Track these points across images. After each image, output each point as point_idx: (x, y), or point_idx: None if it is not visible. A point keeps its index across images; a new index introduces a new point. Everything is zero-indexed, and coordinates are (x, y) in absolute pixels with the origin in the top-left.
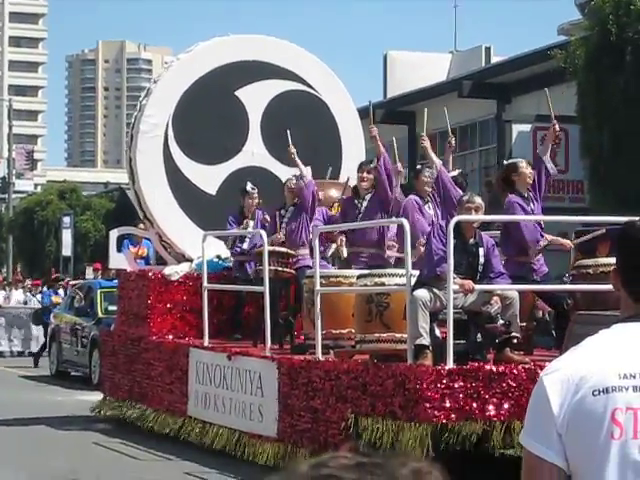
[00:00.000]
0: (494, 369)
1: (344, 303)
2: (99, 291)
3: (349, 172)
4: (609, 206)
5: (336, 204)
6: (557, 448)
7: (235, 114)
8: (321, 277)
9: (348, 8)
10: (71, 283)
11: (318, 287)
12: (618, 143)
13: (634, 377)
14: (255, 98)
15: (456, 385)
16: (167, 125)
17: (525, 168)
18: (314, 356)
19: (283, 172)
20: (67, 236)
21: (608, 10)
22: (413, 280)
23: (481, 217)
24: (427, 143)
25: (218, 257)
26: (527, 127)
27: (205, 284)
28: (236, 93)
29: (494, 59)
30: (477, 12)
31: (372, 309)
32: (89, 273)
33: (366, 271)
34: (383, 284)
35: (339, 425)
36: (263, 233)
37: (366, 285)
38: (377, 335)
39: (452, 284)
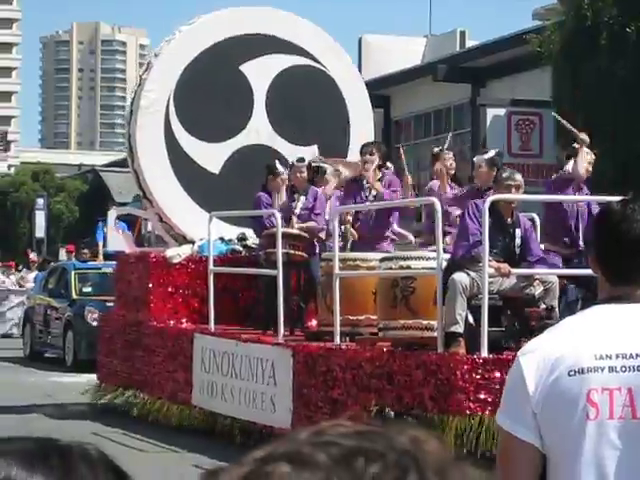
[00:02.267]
0: None
1: (362, 288)
2: (73, 272)
3: (356, 152)
4: None
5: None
6: (532, 427)
7: (239, 90)
8: (331, 260)
9: None
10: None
11: (337, 270)
12: (592, 127)
13: (610, 358)
14: (260, 73)
15: (492, 375)
16: (168, 100)
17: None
18: (333, 343)
19: (289, 151)
20: (40, 218)
21: None
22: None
23: (520, 196)
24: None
25: (221, 239)
26: (502, 111)
27: (211, 267)
28: (240, 68)
29: (469, 43)
30: None
31: (397, 294)
32: (62, 255)
33: (390, 254)
34: (409, 267)
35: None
36: (277, 214)
37: (391, 268)
38: (402, 322)
39: (488, 267)
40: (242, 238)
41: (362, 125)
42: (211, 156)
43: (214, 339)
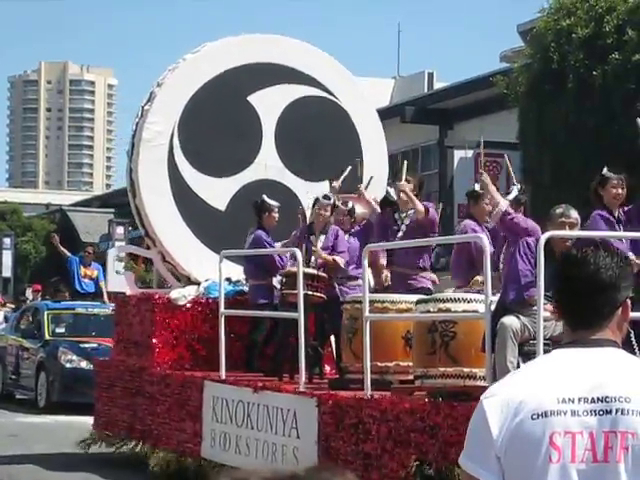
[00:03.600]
0: None
1: (392, 332)
2: (46, 313)
3: (371, 185)
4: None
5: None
6: (495, 471)
7: (247, 122)
8: (359, 302)
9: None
10: (9, 305)
11: (367, 313)
12: (558, 170)
13: (572, 402)
14: (269, 104)
15: None
16: (172, 133)
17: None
18: (363, 392)
19: (299, 186)
20: (7, 257)
21: (550, 38)
22: (479, 306)
23: (576, 233)
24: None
25: (228, 279)
26: (469, 153)
27: (222, 309)
28: (248, 98)
29: (437, 85)
30: (421, 38)
31: (435, 339)
32: (29, 294)
33: (425, 296)
34: (449, 310)
35: (398, 474)
36: (298, 252)
37: (429, 311)
38: (442, 370)
39: (542, 311)
40: (229, 280)
41: (376, 160)
42: (217, 192)
43: (227, 387)
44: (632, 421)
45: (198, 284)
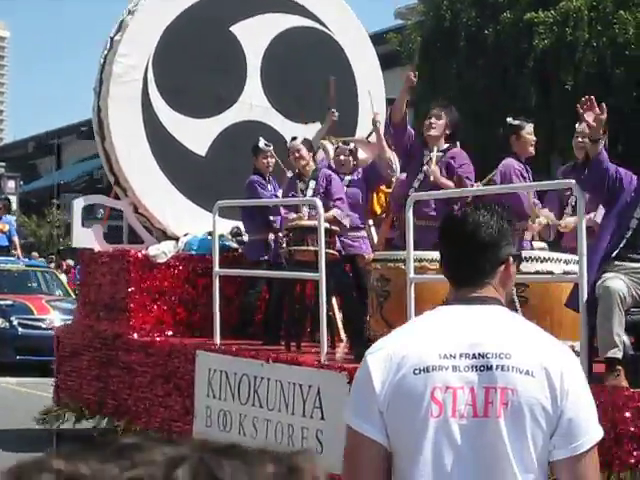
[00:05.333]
0: None
1: (431, 296)
2: None
3: (366, 129)
4: None
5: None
6: (378, 425)
7: (230, 55)
8: (391, 261)
9: None
10: None
11: (413, 274)
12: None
13: (454, 357)
14: (254, 36)
15: None
16: (146, 67)
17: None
18: None
19: (287, 129)
20: None
21: None
22: (554, 267)
23: None
24: None
25: (210, 234)
26: None
27: (217, 268)
28: (231, 29)
29: None
30: None
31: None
32: None
33: None
34: (520, 271)
35: None
36: (318, 202)
37: None
38: None
39: None
40: (237, 233)
41: (373, 99)
42: (197, 135)
43: (227, 358)
44: (512, 377)
45: (176, 239)
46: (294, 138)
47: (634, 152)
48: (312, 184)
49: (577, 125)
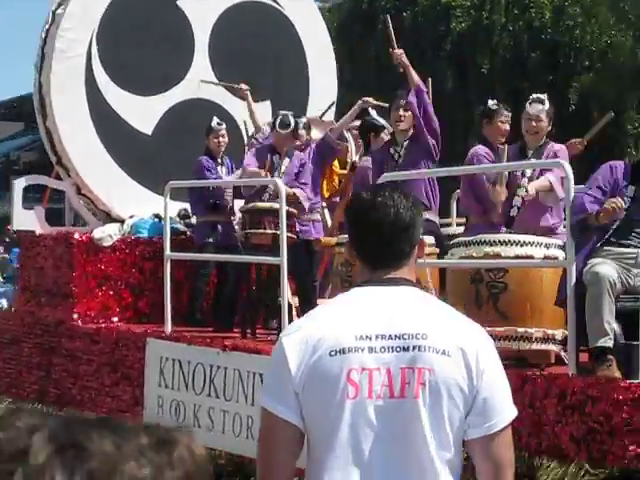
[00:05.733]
0: None
1: None
2: None
3: (317, 109)
4: None
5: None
6: (293, 407)
7: (176, 30)
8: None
9: None
10: None
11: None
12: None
13: (370, 339)
14: (202, 10)
15: None
16: (90, 42)
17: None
18: None
19: (237, 107)
20: None
21: None
22: (534, 250)
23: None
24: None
25: (157, 216)
26: None
27: (168, 252)
28: (178, 3)
29: None
30: None
31: (481, 292)
32: None
33: (466, 237)
34: (498, 255)
35: None
36: (279, 182)
37: (472, 257)
38: (489, 329)
39: None
40: (185, 216)
41: (323, 78)
42: (143, 113)
43: (181, 346)
44: (429, 357)
45: (121, 221)
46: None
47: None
48: (287, 161)
49: (528, 106)
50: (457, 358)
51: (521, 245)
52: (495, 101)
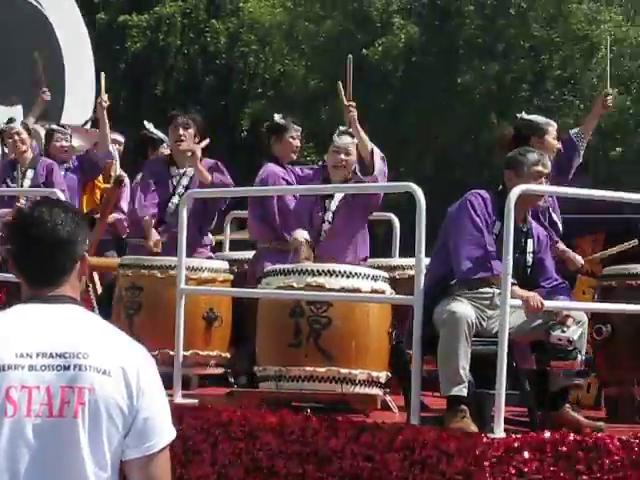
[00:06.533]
0: (583, 439)
1: (189, 310)
2: None
3: (72, 112)
4: None
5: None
6: None
7: None
8: (144, 267)
9: None
10: None
11: (183, 285)
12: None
13: (30, 356)
14: None
15: (527, 468)
16: None
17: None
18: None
19: None
20: None
21: None
22: (362, 283)
23: (555, 189)
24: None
25: None
26: None
27: None
28: None
29: None
30: None
31: (301, 327)
32: None
33: (280, 265)
34: (322, 287)
35: None
36: (59, 192)
37: (292, 287)
38: (310, 369)
39: (509, 296)
40: None
41: (81, 82)
42: None
43: None
44: (89, 376)
45: None
46: (11, 120)
47: None
48: (30, 174)
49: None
50: (118, 378)
51: (347, 276)
52: (281, 115)
